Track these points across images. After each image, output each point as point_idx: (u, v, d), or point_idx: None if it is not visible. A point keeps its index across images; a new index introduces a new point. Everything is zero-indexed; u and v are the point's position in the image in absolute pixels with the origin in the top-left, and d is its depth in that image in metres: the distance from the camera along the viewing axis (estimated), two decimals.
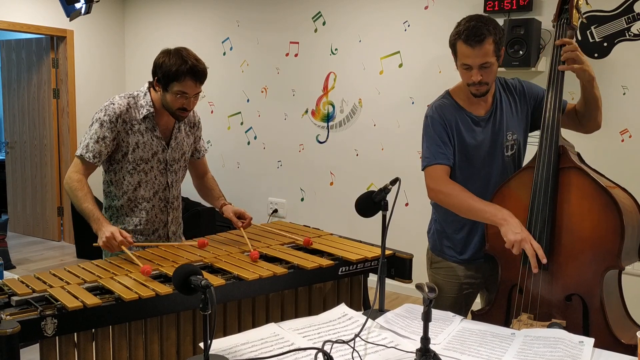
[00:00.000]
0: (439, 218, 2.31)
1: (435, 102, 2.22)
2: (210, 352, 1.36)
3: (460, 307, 2.29)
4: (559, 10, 2.07)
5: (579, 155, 2.04)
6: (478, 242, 2.21)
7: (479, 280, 2.29)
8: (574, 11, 2.04)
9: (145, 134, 2.31)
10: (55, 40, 6.02)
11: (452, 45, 2.09)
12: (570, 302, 1.92)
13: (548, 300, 1.95)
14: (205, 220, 5.18)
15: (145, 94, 2.33)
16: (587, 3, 2.06)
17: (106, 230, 2.11)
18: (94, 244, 2.15)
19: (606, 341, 1.76)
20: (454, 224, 2.23)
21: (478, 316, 2.10)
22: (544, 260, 1.88)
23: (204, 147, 2.60)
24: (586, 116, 2.14)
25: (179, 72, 2.17)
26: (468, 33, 2.01)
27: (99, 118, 2.25)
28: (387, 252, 2.16)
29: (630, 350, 1.74)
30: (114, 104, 2.26)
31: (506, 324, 1.98)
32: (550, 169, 1.94)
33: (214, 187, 2.61)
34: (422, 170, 2.18)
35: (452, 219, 2.21)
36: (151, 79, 2.30)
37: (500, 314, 2.06)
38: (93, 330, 1.66)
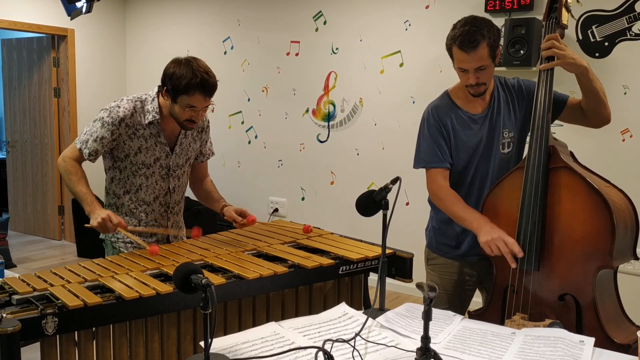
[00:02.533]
0: (436, 214, 2.34)
1: (431, 103, 2.26)
2: (210, 351, 1.36)
3: (457, 305, 2.30)
4: (548, 9, 2.07)
5: (572, 154, 2.03)
6: (472, 238, 2.23)
7: (475, 278, 2.31)
8: (563, 10, 2.04)
9: (149, 140, 2.30)
10: (56, 39, 6.03)
11: (449, 49, 2.13)
12: (563, 301, 1.92)
13: (541, 300, 1.95)
14: (206, 219, 5.18)
15: (153, 99, 2.30)
16: (577, 1, 2.05)
17: (101, 212, 2.13)
18: (86, 225, 2.17)
19: (599, 340, 1.75)
20: (450, 219, 2.25)
21: (475, 316, 2.11)
22: (520, 254, 1.93)
23: (210, 151, 2.57)
24: (590, 110, 2.11)
25: (189, 86, 2.13)
26: (462, 39, 2.03)
27: (102, 118, 2.24)
28: (388, 251, 2.16)
29: (623, 349, 1.74)
30: (119, 107, 2.24)
31: (502, 324, 1.98)
32: (540, 169, 1.94)
33: (213, 190, 2.59)
34: (414, 168, 2.30)
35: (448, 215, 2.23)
36: (159, 83, 2.27)
37: (496, 314, 2.06)
38: (94, 329, 1.66)
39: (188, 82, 2.13)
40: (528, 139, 2.04)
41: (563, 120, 2.19)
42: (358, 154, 4.92)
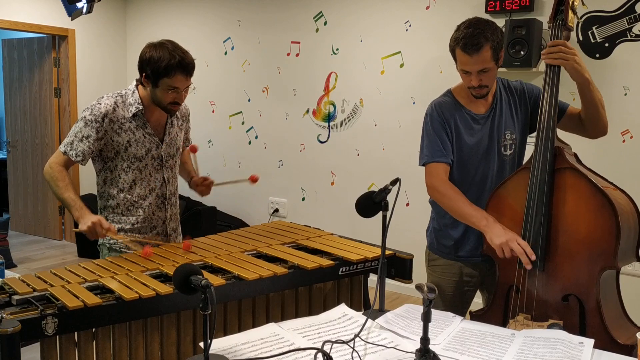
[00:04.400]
0: (437, 215, 2.33)
1: (435, 100, 2.26)
2: (210, 352, 1.36)
3: (458, 306, 2.30)
4: (555, 11, 2.07)
5: (575, 156, 2.04)
6: (474, 239, 2.23)
7: (476, 279, 2.30)
8: (570, 12, 2.04)
9: (137, 132, 2.30)
10: (57, 40, 6.03)
11: (452, 50, 2.13)
12: (567, 302, 1.92)
13: (545, 301, 1.95)
14: (206, 219, 5.18)
15: (133, 92, 2.31)
16: (583, 4, 2.06)
17: (91, 217, 2.14)
18: (74, 229, 2.17)
19: (603, 341, 1.76)
20: (451, 221, 2.25)
21: (476, 317, 2.11)
22: (533, 257, 1.91)
23: (189, 139, 2.65)
24: (588, 121, 2.12)
25: (168, 67, 2.15)
26: (465, 41, 2.03)
27: (84, 117, 2.24)
28: (388, 252, 2.17)
29: (627, 350, 1.74)
30: (100, 104, 2.25)
31: (504, 324, 1.98)
32: (545, 170, 1.94)
33: (187, 161, 2.67)
34: (420, 165, 2.25)
35: (450, 215, 2.22)
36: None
37: (498, 314, 2.06)
38: (93, 329, 1.66)
39: (167, 63, 2.15)
40: (532, 140, 2.04)
41: (560, 128, 2.19)
42: (358, 155, 4.92)
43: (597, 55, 3.80)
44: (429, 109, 2.25)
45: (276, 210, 5.41)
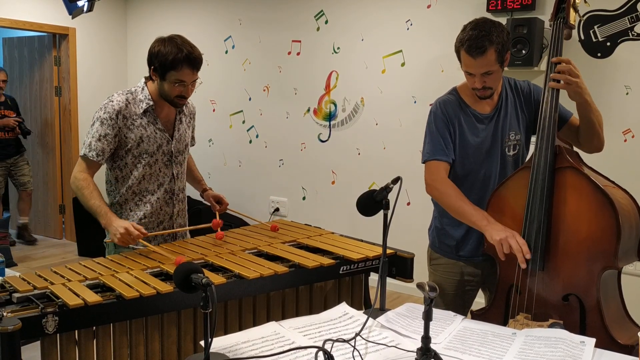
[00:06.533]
0: (439, 214, 2.33)
1: (440, 98, 2.25)
2: (210, 351, 1.36)
3: (459, 305, 2.30)
4: (556, 9, 2.06)
5: (577, 155, 2.03)
6: (476, 239, 2.22)
7: (478, 278, 2.30)
8: (571, 10, 2.03)
9: (148, 128, 2.31)
10: (58, 38, 6.03)
11: (457, 51, 2.11)
12: (567, 302, 1.92)
13: (545, 300, 1.95)
14: (206, 219, 5.17)
15: (143, 89, 2.33)
16: (585, 2, 2.05)
17: (118, 226, 2.11)
18: (106, 240, 2.15)
19: (603, 341, 1.76)
20: (453, 221, 2.24)
21: (477, 316, 2.11)
22: (528, 256, 1.91)
23: (194, 139, 2.64)
24: (583, 137, 2.13)
25: (175, 61, 2.19)
26: (470, 44, 2.01)
27: (99, 117, 2.26)
28: (389, 251, 2.16)
29: (627, 350, 1.74)
30: (112, 101, 2.27)
31: (504, 324, 1.98)
32: (546, 168, 1.94)
33: (193, 169, 2.68)
34: (423, 163, 2.24)
35: (451, 215, 2.22)
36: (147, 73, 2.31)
37: (498, 314, 2.06)
38: (94, 327, 1.66)
39: (174, 57, 2.19)
40: (533, 139, 2.04)
41: (560, 136, 2.18)
42: (359, 154, 4.92)
43: (599, 55, 3.79)
44: (433, 106, 2.24)
45: (277, 210, 5.41)
